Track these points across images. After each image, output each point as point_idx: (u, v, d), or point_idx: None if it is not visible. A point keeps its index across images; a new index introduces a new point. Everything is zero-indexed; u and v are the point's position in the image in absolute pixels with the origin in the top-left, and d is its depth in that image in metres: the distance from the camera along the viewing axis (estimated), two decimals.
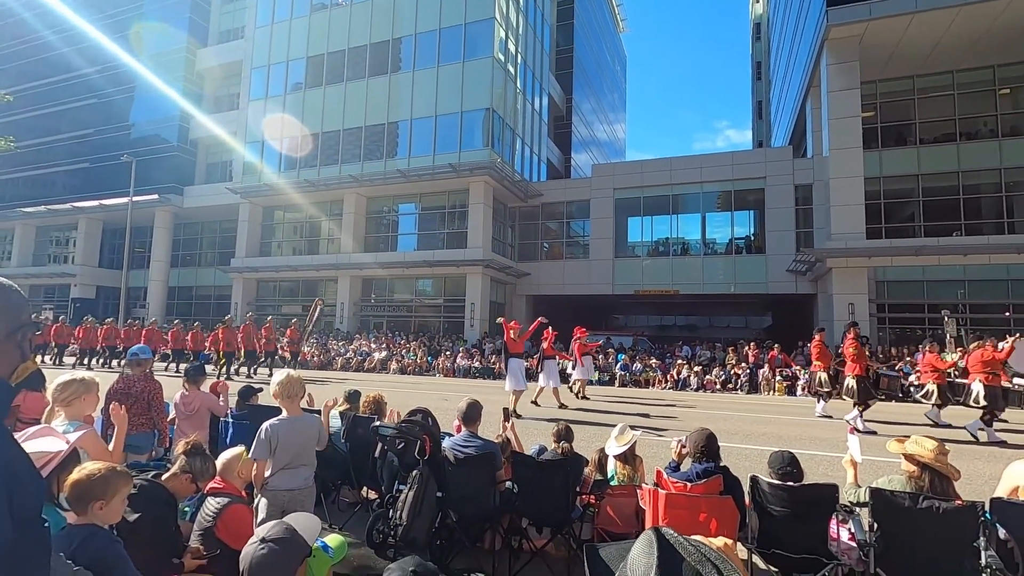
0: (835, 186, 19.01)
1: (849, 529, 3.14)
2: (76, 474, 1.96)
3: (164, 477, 2.78)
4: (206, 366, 9.72)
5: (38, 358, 17.42)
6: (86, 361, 18.20)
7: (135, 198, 27.26)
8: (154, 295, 32.05)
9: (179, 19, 32.38)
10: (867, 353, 10.15)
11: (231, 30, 33.16)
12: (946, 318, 15.86)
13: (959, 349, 15.05)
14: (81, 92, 34.21)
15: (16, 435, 1.98)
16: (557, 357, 11.98)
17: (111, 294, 33.07)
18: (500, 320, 10.96)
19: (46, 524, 1.14)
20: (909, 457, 3.00)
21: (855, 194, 18.73)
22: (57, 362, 18.48)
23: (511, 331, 10.36)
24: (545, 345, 11.67)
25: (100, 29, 33.55)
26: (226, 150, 30.50)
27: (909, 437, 3.10)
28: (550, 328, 11.82)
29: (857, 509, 3.09)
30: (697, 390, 16.39)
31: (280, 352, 17.80)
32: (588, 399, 12.81)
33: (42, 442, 1.98)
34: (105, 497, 1.95)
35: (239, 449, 3.18)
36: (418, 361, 20.23)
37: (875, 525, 2.83)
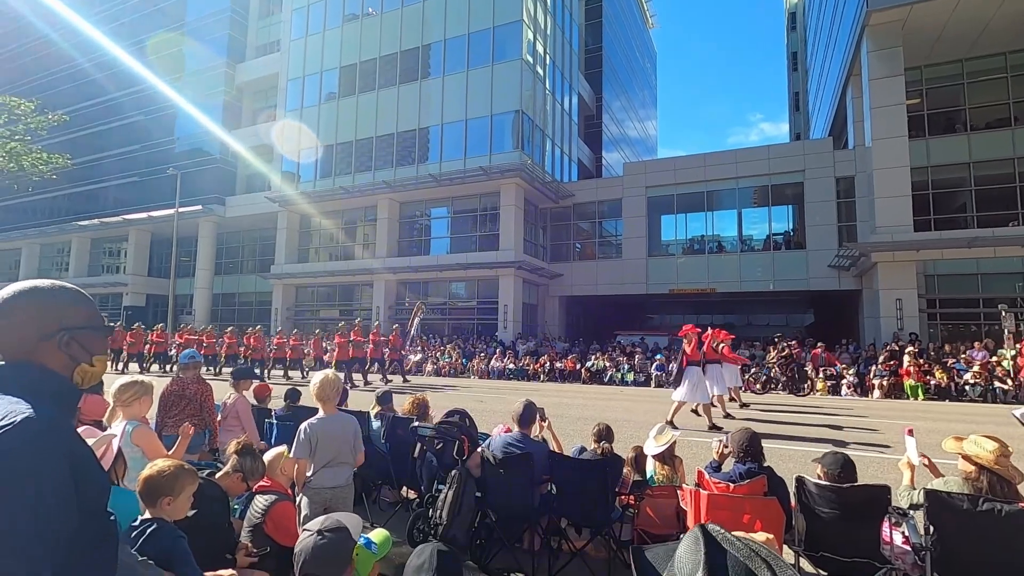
0: (879, 177, 18.28)
1: (903, 532, 3.02)
2: (148, 470, 2.08)
3: (217, 476, 2.90)
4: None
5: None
6: (143, 365, 19.04)
7: (181, 209, 28.44)
8: (200, 302, 33.32)
9: (219, 37, 33.64)
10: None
11: (267, 44, 34.25)
12: (1003, 313, 15.03)
13: (1017, 344, 14.29)
14: (129, 110, 35.91)
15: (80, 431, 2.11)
16: (722, 362, 10.15)
17: (160, 302, 34.53)
18: (688, 328, 9.42)
19: (112, 517, 1.21)
20: (967, 458, 2.86)
21: (901, 185, 17.97)
22: (122, 368, 19.18)
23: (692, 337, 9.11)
24: (692, 353, 9.57)
25: (144, 50, 35.19)
26: (265, 160, 31.46)
27: (968, 437, 2.95)
28: (722, 332, 10.50)
29: (911, 512, 2.97)
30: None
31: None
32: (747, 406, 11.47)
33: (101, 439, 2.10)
34: (173, 493, 2.06)
35: (281, 448, 3.29)
36: (453, 363, 20.41)
37: (931, 528, 2.71)
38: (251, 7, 34.92)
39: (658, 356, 18.43)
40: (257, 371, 17.20)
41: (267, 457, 3.28)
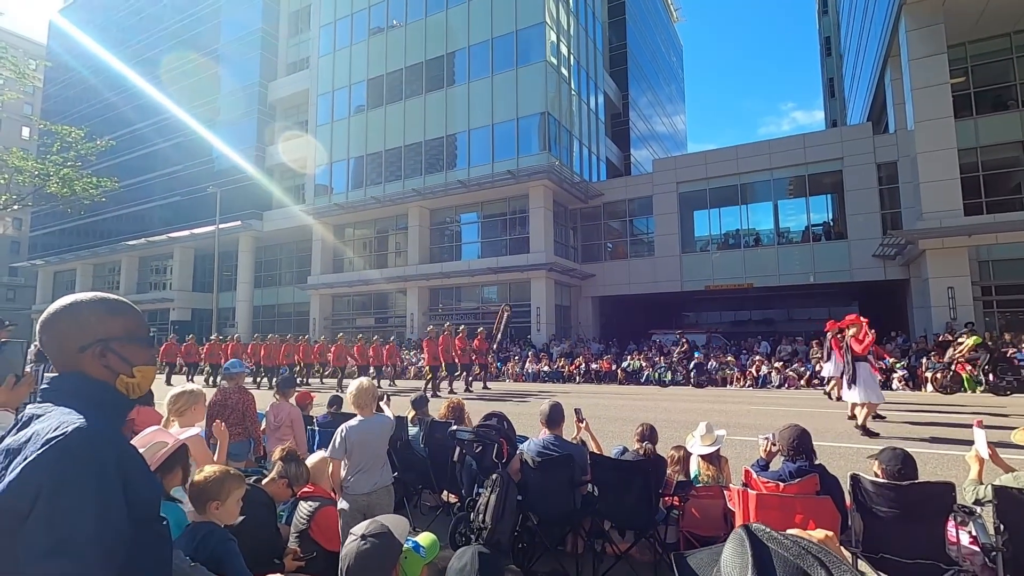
0: (924, 161, 17.49)
1: (970, 532, 2.86)
2: (195, 476, 2.14)
3: (264, 482, 2.96)
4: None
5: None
6: (193, 375, 19.59)
7: (221, 226, 29.46)
8: (242, 315, 34.43)
9: (251, 57, 34.79)
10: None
11: (297, 61, 35.21)
12: None
13: None
14: (170, 132, 37.45)
15: (134, 439, 2.18)
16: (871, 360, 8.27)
17: (204, 315, 35.81)
18: (852, 318, 8.42)
19: (165, 522, 1.24)
20: None
21: (948, 168, 17.14)
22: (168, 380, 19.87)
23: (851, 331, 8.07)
24: (860, 347, 8.01)
25: (181, 74, 36.74)
26: (298, 174, 32.29)
27: None
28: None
29: (978, 509, 2.80)
30: (779, 387, 15.55)
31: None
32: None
33: (155, 442, 2.17)
34: (220, 498, 2.11)
35: (323, 453, 3.34)
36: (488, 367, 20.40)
37: (1001, 527, 2.55)
38: (280, 27, 36.00)
39: (696, 354, 18.04)
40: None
41: (310, 463, 3.34)
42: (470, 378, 15.31)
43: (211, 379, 18.46)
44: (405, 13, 27.74)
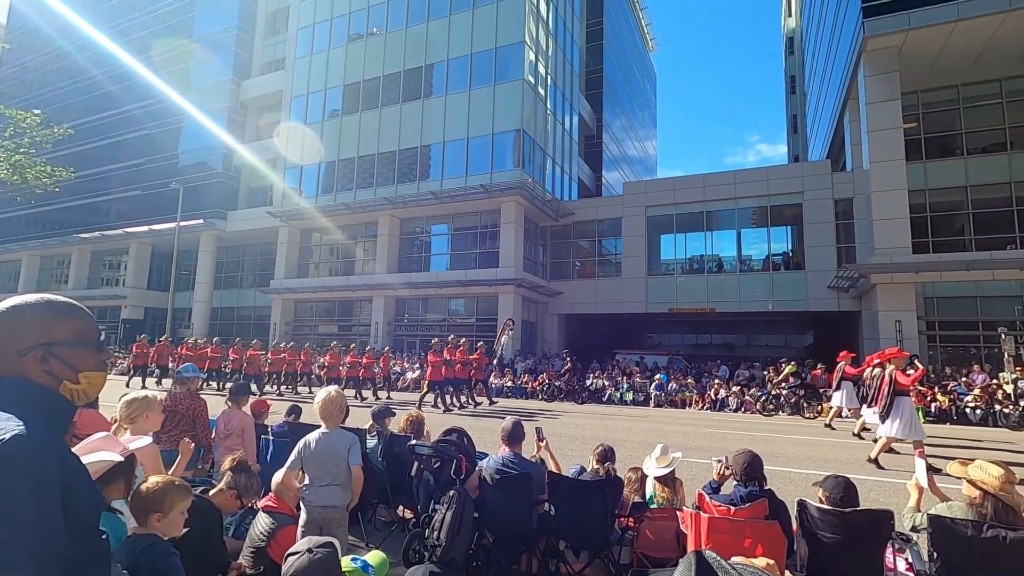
0: (877, 199, 18.42)
1: (907, 559, 2.98)
2: (139, 487, 2.04)
3: (211, 493, 2.86)
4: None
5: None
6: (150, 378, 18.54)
7: (182, 223, 28.52)
8: (198, 316, 33.22)
9: (225, 54, 34.12)
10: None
11: (272, 61, 34.72)
12: (1003, 336, 15.03)
13: (1018, 368, 14.25)
14: (133, 124, 36.24)
15: (78, 446, 2.08)
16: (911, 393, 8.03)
17: (158, 315, 34.43)
18: (892, 351, 8.17)
19: (104, 535, 1.19)
20: (972, 483, 2.83)
21: (899, 207, 18.10)
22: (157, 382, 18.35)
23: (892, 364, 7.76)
24: (907, 380, 7.75)
25: (151, 65, 35.62)
26: (267, 176, 31.65)
27: (974, 460, 2.93)
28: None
29: (915, 536, 2.93)
30: (736, 411, 15.91)
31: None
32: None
33: (100, 454, 2.07)
34: (162, 510, 2.02)
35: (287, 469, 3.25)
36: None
37: (935, 555, 2.67)
38: (258, 25, 35.49)
39: (657, 376, 18.34)
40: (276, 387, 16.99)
41: (277, 477, 3.23)
42: (472, 393, 14.77)
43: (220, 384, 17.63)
44: (386, 22, 27.75)
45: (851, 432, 10.40)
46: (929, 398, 13.97)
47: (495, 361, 17.32)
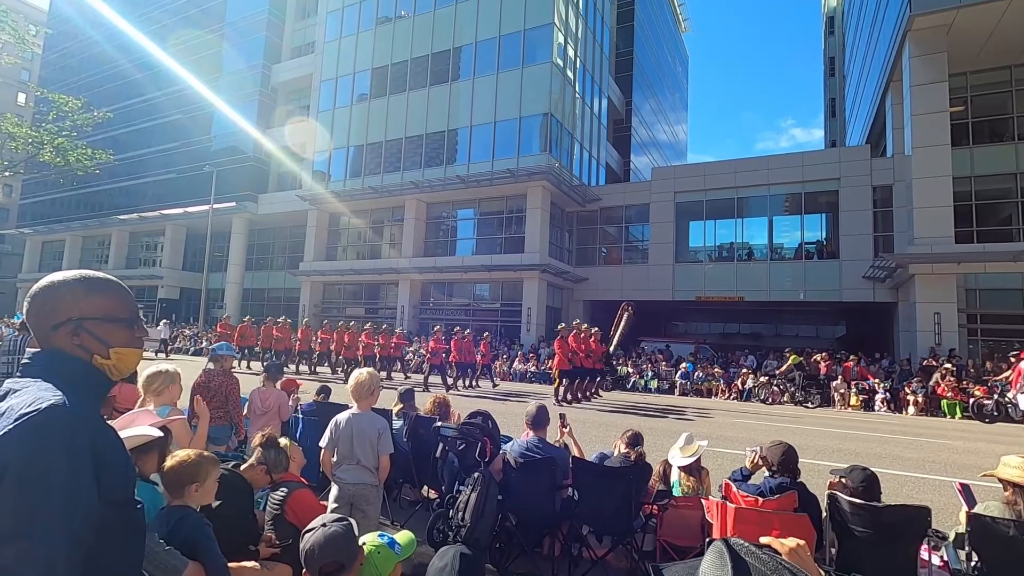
0: (919, 187, 17.68)
1: (942, 556, 2.90)
2: (169, 461, 2.11)
3: (242, 468, 2.94)
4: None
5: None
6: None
7: (215, 206, 29.20)
8: (231, 297, 34.16)
9: (256, 39, 34.50)
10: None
11: (302, 46, 34.96)
12: None
13: None
14: (168, 109, 37.08)
15: (116, 420, 2.15)
16: None
17: (193, 295, 35.50)
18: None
19: (140, 506, 1.22)
20: (1002, 481, 2.74)
21: (942, 195, 17.34)
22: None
23: None
24: None
25: (184, 51, 36.26)
26: (297, 159, 32.08)
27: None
28: None
29: (951, 534, 2.84)
30: (764, 401, 15.66)
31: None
32: None
33: (138, 428, 2.14)
34: (199, 479, 2.09)
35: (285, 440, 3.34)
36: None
37: (973, 555, 2.59)
38: (287, 10, 35.71)
39: (683, 364, 18.14)
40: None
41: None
42: (593, 385, 14.29)
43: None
44: (414, 5, 27.62)
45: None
46: (969, 394, 13.50)
47: (611, 348, 16.09)
